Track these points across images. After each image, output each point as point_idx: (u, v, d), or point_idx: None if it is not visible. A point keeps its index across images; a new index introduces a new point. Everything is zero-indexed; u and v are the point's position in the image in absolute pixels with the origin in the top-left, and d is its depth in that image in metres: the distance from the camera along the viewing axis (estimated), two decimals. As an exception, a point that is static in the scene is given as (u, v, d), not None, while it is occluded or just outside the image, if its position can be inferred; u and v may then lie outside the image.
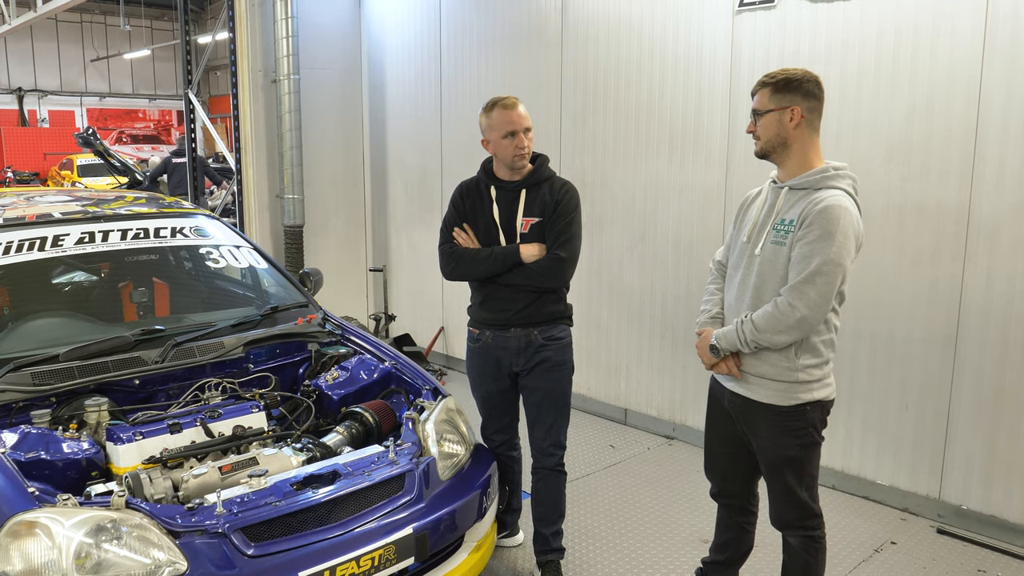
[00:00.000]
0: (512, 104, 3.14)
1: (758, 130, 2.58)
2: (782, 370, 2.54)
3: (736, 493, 2.90)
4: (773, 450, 2.63)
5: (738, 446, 2.78)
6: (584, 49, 5.13)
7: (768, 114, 2.53)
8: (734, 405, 2.71)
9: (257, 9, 6.29)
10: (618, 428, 5.19)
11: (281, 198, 6.46)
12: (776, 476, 2.66)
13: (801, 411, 2.56)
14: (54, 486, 2.49)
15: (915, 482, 3.93)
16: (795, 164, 2.56)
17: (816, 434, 2.60)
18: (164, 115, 26.70)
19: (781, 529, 2.74)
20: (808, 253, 2.43)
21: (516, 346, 3.25)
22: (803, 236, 2.45)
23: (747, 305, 2.61)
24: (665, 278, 4.88)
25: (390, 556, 2.55)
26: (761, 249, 2.58)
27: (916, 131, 3.72)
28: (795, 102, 2.50)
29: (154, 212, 4.02)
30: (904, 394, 3.91)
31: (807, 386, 2.54)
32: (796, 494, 2.63)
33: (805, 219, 2.46)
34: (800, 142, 2.54)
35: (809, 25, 4.02)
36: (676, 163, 4.71)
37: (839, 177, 2.52)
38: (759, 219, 2.64)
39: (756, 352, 2.58)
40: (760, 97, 2.56)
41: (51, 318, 3.42)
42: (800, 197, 2.53)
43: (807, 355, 2.53)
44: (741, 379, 2.65)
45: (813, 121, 2.54)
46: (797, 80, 2.51)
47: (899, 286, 3.86)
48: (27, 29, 19.67)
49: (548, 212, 3.16)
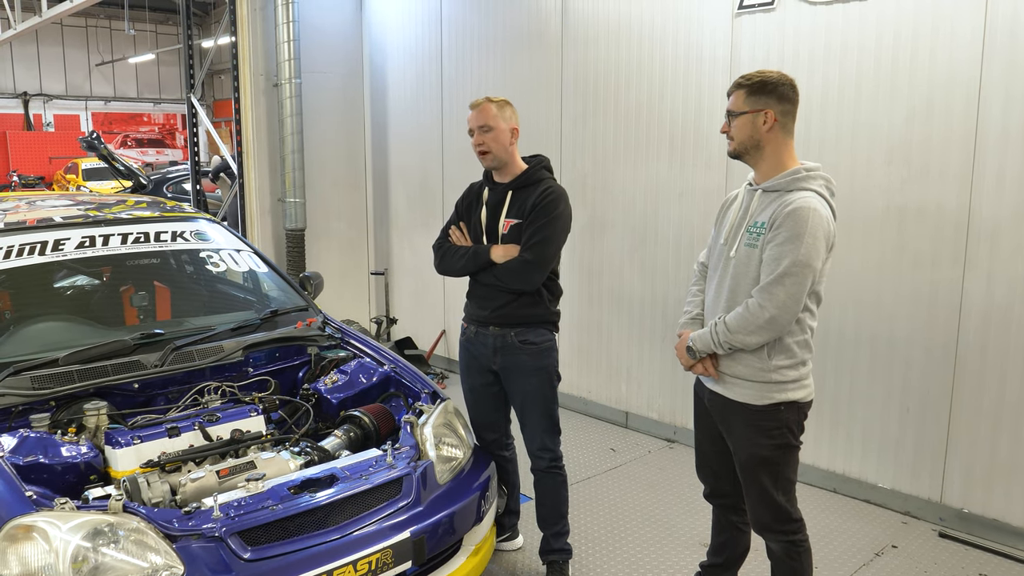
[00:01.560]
0: (475, 104, 3.20)
1: (732, 131, 2.60)
2: (756, 370, 2.57)
3: (728, 492, 2.90)
4: (747, 449, 2.65)
5: (724, 443, 2.80)
6: (584, 51, 5.14)
7: (742, 116, 2.55)
8: (713, 404, 2.74)
9: (259, 13, 6.31)
10: (619, 431, 5.19)
11: (283, 202, 6.48)
12: (750, 477, 2.67)
13: (774, 411, 2.58)
14: (52, 490, 2.50)
15: (916, 486, 3.92)
16: (768, 166, 2.58)
17: (792, 436, 2.61)
18: (169, 119, 26.77)
19: (760, 532, 2.75)
20: (777, 255, 2.46)
21: (493, 344, 3.26)
22: (773, 238, 2.48)
23: (723, 307, 2.64)
24: (666, 281, 4.87)
25: (387, 560, 2.55)
26: (736, 251, 2.61)
27: (916, 133, 3.72)
28: (769, 105, 2.52)
29: (155, 216, 4.04)
30: (905, 397, 3.89)
31: (781, 386, 2.57)
32: (771, 496, 2.64)
33: (775, 221, 2.49)
34: (773, 144, 2.56)
35: (808, 27, 4.02)
36: (676, 165, 4.70)
37: (811, 179, 2.54)
38: (735, 221, 2.67)
39: (731, 353, 2.61)
40: (735, 98, 2.57)
41: (51, 322, 3.43)
42: (773, 199, 2.55)
43: (780, 356, 2.55)
44: (719, 379, 2.68)
45: (787, 124, 2.56)
46: (772, 83, 2.52)
47: (899, 289, 3.85)
48: (33, 34, 19.76)
49: (526, 213, 3.16)
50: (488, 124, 3.15)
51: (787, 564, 2.71)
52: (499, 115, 3.16)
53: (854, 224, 3.93)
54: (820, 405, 4.21)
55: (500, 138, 3.17)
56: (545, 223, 3.13)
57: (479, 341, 3.31)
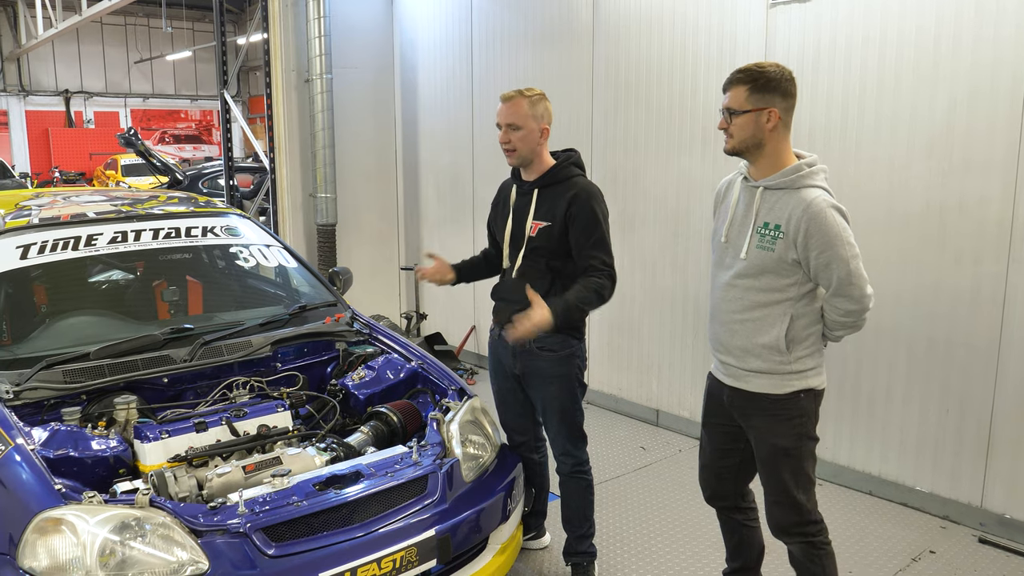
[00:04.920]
0: (507, 97, 3.07)
1: (731, 128, 2.49)
2: (775, 363, 2.55)
3: (727, 494, 2.88)
4: (768, 441, 2.60)
5: (732, 443, 2.76)
6: (616, 45, 5.07)
7: (744, 114, 2.45)
8: (732, 401, 2.69)
9: (290, 9, 6.34)
10: (650, 429, 5.13)
11: (314, 197, 6.50)
12: (771, 471, 2.62)
13: (794, 399, 2.55)
14: (82, 483, 2.52)
15: (956, 489, 3.81)
16: (768, 164, 2.51)
17: (810, 425, 2.58)
18: (205, 115, 27.13)
19: (779, 536, 2.69)
20: (826, 262, 2.41)
21: (513, 348, 3.17)
22: (806, 245, 2.41)
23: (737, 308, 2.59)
24: (698, 277, 4.80)
25: (412, 558, 2.54)
26: (746, 254, 2.55)
27: (958, 124, 3.60)
28: (773, 103, 2.43)
29: (187, 212, 4.07)
30: (945, 398, 3.79)
31: (801, 375, 2.55)
32: (792, 494, 2.59)
33: (798, 230, 2.42)
34: (774, 142, 2.48)
35: (846, 17, 3.91)
36: (709, 160, 4.62)
37: (813, 174, 2.48)
38: (735, 218, 2.61)
39: (751, 348, 2.58)
40: (735, 95, 2.47)
41: (84, 316, 3.47)
42: (779, 198, 2.49)
43: (798, 348, 2.54)
44: (737, 377, 2.64)
45: (788, 121, 2.49)
46: (776, 79, 2.43)
47: (939, 287, 3.74)
48: (74, 33, 20.20)
49: (559, 219, 3.03)
50: (516, 123, 3.02)
51: (809, 568, 2.65)
52: (530, 113, 3.02)
53: (893, 219, 3.83)
54: (856, 405, 4.12)
55: (528, 138, 3.04)
56: (586, 230, 3.00)
57: (503, 344, 3.25)
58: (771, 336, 2.53)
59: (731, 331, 2.64)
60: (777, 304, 2.52)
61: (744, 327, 2.59)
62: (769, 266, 2.49)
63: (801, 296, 2.51)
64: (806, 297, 2.52)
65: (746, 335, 2.59)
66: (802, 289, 2.50)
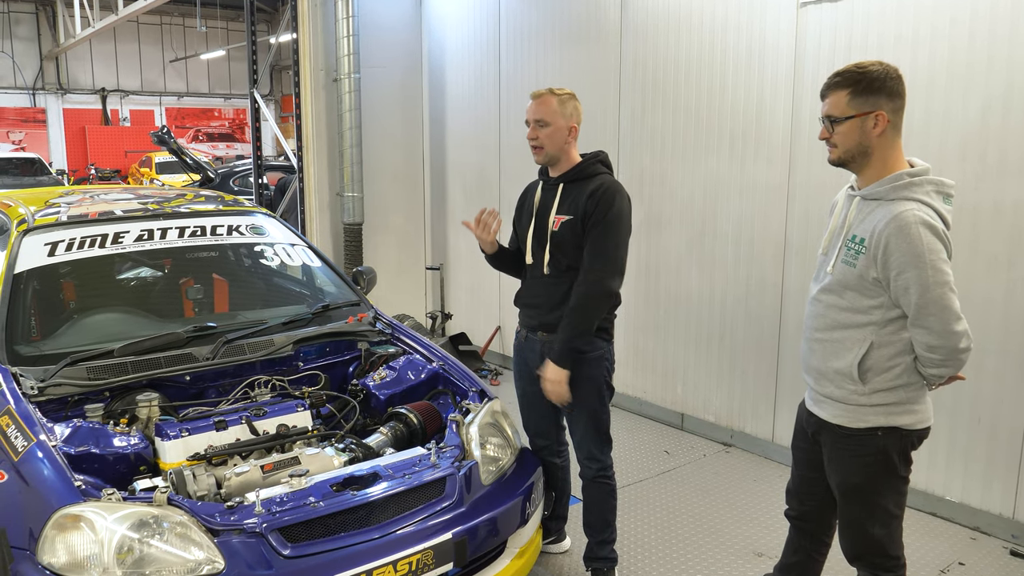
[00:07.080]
0: (537, 95, 3.07)
1: (834, 137, 2.29)
2: (849, 392, 2.35)
3: (811, 518, 2.70)
4: (838, 474, 2.45)
5: (818, 470, 2.56)
6: (643, 44, 5.02)
7: (848, 121, 2.24)
8: (810, 427, 2.54)
9: (319, 9, 6.36)
10: (674, 433, 5.07)
11: (341, 196, 6.53)
12: (844, 504, 2.47)
13: (870, 436, 2.34)
14: (103, 479, 2.55)
15: (987, 500, 3.71)
16: (874, 172, 2.30)
17: (890, 464, 2.35)
18: (239, 114, 27.43)
19: (851, 562, 2.52)
20: (905, 285, 2.19)
21: (540, 351, 3.15)
22: (885, 263, 2.21)
23: (820, 326, 2.42)
24: (725, 280, 4.74)
25: (428, 561, 2.53)
26: (833, 267, 2.38)
27: (992, 126, 3.51)
28: (879, 105, 2.22)
29: (213, 210, 4.10)
30: (976, 406, 3.69)
31: (878, 410, 2.32)
32: (864, 529, 2.41)
33: (879, 246, 2.21)
34: (882, 148, 2.27)
35: (878, 15, 3.83)
36: (737, 161, 4.56)
37: (914, 185, 2.23)
38: (834, 229, 2.43)
39: (824, 371, 2.42)
40: (835, 100, 2.26)
41: (110, 313, 3.51)
42: (872, 210, 2.28)
43: (877, 379, 2.31)
44: (815, 399, 2.49)
45: (898, 123, 2.27)
46: (880, 79, 2.21)
47: (971, 292, 3.64)
48: (110, 32, 20.52)
49: (580, 212, 3.01)
50: (545, 119, 3.02)
51: None
52: (559, 111, 3.01)
53: (924, 223, 3.74)
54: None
55: (555, 136, 3.03)
56: (602, 231, 2.96)
57: (528, 347, 3.23)
58: (845, 361, 2.34)
59: (811, 349, 2.48)
60: (859, 328, 2.32)
61: (822, 347, 2.42)
62: (851, 283, 2.30)
63: (886, 322, 2.28)
64: (892, 324, 2.28)
65: (822, 355, 2.42)
66: (888, 314, 2.27)
